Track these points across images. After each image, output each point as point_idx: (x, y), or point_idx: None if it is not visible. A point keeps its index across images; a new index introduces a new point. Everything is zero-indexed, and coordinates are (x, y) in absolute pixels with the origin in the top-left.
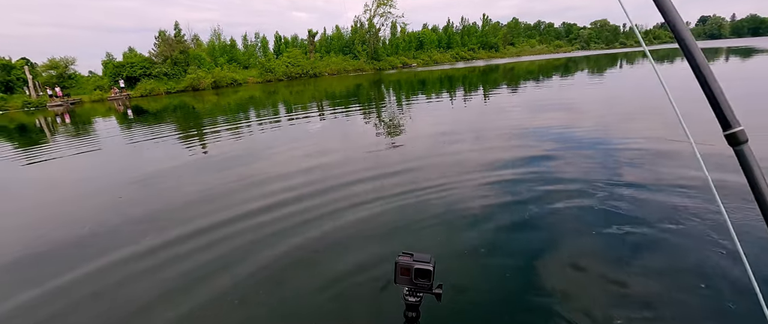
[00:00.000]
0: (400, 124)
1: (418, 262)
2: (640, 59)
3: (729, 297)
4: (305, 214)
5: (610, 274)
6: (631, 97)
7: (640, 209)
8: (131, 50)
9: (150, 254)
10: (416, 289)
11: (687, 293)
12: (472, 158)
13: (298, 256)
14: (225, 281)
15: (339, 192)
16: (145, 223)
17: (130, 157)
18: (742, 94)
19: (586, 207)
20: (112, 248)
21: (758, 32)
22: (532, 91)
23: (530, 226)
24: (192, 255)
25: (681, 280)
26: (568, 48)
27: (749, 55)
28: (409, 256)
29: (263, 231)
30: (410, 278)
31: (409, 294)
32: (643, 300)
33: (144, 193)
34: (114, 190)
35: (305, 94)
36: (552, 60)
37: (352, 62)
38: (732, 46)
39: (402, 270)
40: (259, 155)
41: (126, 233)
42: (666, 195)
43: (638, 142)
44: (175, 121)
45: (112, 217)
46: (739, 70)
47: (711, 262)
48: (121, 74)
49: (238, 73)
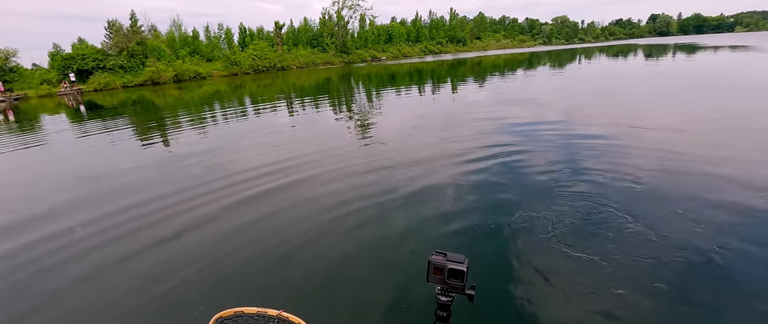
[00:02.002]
0: (371, 118)
1: (452, 262)
2: (597, 54)
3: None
4: (269, 213)
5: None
6: (587, 88)
7: (601, 190)
8: (81, 41)
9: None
10: (448, 289)
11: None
12: (442, 150)
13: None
14: (174, 283)
15: (308, 189)
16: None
17: (80, 155)
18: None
19: (553, 191)
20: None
21: (702, 30)
22: (499, 85)
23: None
24: (139, 256)
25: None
26: (532, 43)
27: (694, 51)
28: (443, 255)
29: (224, 227)
30: (443, 278)
31: (442, 293)
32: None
33: (91, 194)
34: (63, 191)
35: (274, 88)
36: (517, 54)
37: (320, 55)
38: (678, 42)
39: (435, 269)
40: (222, 153)
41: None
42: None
43: (598, 129)
44: (132, 118)
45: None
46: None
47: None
48: (71, 67)
49: (202, 66)
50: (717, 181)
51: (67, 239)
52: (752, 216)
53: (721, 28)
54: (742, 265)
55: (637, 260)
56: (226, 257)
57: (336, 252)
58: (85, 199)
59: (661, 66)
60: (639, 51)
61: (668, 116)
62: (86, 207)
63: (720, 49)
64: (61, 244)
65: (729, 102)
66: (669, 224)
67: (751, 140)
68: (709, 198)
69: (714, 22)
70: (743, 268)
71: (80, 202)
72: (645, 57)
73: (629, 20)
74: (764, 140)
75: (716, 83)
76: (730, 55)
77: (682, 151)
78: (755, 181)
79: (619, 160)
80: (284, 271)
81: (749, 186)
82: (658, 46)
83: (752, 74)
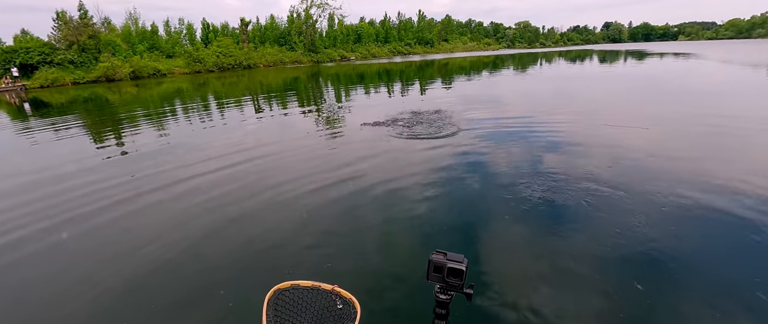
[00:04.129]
0: (339, 118)
1: (452, 262)
2: (557, 58)
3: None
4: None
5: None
6: (547, 90)
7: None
8: (25, 33)
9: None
10: (448, 287)
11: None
12: (413, 151)
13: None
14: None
15: (276, 192)
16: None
17: (21, 154)
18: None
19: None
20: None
21: (649, 38)
22: (464, 85)
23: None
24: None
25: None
26: (496, 46)
27: (643, 57)
28: (443, 254)
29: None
30: (442, 276)
31: (441, 292)
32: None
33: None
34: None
35: (239, 87)
36: (482, 57)
37: (288, 54)
38: (629, 49)
39: (435, 267)
40: (180, 154)
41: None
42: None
43: (561, 125)
44: (80, 117)
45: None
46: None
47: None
48: (14, 61)
49: (162, 62)
50: (667, 175)
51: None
52: (691, 208)
53: (666, 37)
54: (684, 254)
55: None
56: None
57: (317, 253)
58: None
59: (615, 69)
60: (594, 56)
61: (637, 117)
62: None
63: (667, 55)
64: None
65: (676, 104)
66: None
67: (697, 139)
68: (661, 191)
69: (660, 30)
70: (683, 257)
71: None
72: (600, 62)
73: (585, 27)
74: (709, 139)
75: (665, 87)
76: (676, 62)
77: (647, 149)
78: (698, 176)
79: (577, 159)
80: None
81: (693, 181)
82: (611, 52)
83: (696, 80)
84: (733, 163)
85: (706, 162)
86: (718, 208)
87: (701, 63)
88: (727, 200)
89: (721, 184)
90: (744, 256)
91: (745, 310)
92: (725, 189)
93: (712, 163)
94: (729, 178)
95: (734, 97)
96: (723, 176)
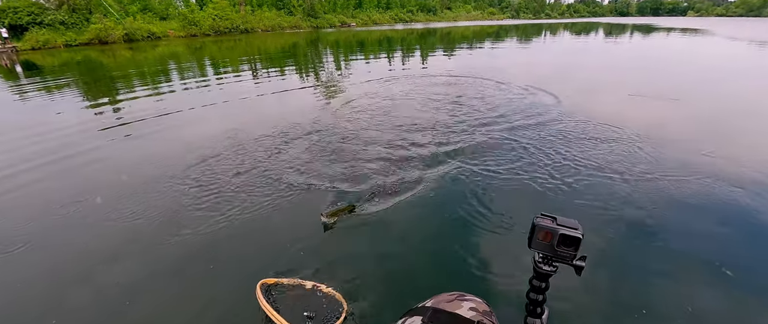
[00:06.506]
0: (338, 87)
1: (565, 228)
2: (561, 30)
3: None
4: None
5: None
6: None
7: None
8: None
9: None
10: (554, 257)
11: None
12: (412, 121)
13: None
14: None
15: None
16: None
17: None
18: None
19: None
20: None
21: (658, 12)
22: (466, 57)
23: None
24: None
25: None
26: (501, 15)
27: (650, 31)
28: (551, 219)
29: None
30: (551, 245)
31: (544, 262)
32: None
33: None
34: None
35: (236, 51)
36: (485, 27)
37: (287, 18)
38: (636, 23)
39: (544, 234)
40: (179, 124)
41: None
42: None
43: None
44: (79, 81)
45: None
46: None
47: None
48: (2, 21)
49: (156, 24)
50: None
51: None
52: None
53: (675, 12)
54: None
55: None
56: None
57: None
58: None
59: (628, 44)
60: (600, 29)
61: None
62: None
63: (674, 31)
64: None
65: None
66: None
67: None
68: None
69: (669, 5)
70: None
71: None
72: (605, 35)
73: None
74: (716, 119)
75: (698, 67)
76: (693, 39)
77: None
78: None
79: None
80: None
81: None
82: (616, 25)
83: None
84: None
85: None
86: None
87: (716, 41)
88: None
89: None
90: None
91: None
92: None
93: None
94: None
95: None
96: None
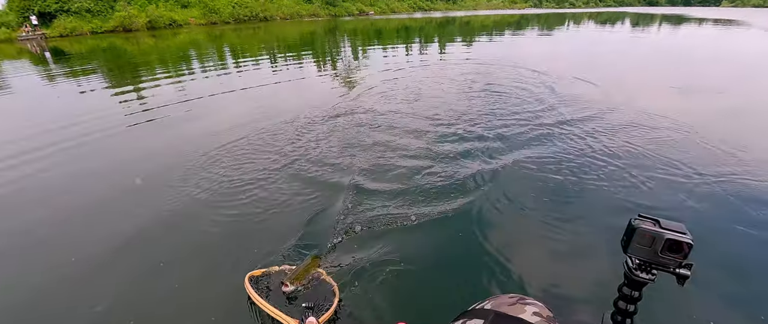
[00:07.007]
0: (356, 78)
1: (672, 233)
2: (586, 20)
3: None
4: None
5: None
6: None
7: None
8: None
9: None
10: (655, 264)
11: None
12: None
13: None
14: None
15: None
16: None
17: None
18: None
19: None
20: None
21: (689, 2)
22: (487, 47)
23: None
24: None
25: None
26: (523, 4)
27: (681, 22)
28: (654, 222)
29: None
30: (654, 250)
31: (641, 269)
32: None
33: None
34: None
35: (255, 40)
36: (507, 16)
37: (306, 7)
38: (666, 13)
39: (645, 239)
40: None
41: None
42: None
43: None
44: (105, 68)
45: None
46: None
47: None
48: (32, 9)
49: (177, 12)
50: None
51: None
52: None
53: (708, 2)
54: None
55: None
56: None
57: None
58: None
59: (652, 35)
60: (627, 19)
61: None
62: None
63: (707, 21)
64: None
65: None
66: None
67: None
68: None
69: None
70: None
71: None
72: (632, 26)
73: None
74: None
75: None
76: (729, 31)
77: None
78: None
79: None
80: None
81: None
82: (645, 16)
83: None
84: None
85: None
86: None
87: (754, 33)
88: None
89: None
90: None
91: None
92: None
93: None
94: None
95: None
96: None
